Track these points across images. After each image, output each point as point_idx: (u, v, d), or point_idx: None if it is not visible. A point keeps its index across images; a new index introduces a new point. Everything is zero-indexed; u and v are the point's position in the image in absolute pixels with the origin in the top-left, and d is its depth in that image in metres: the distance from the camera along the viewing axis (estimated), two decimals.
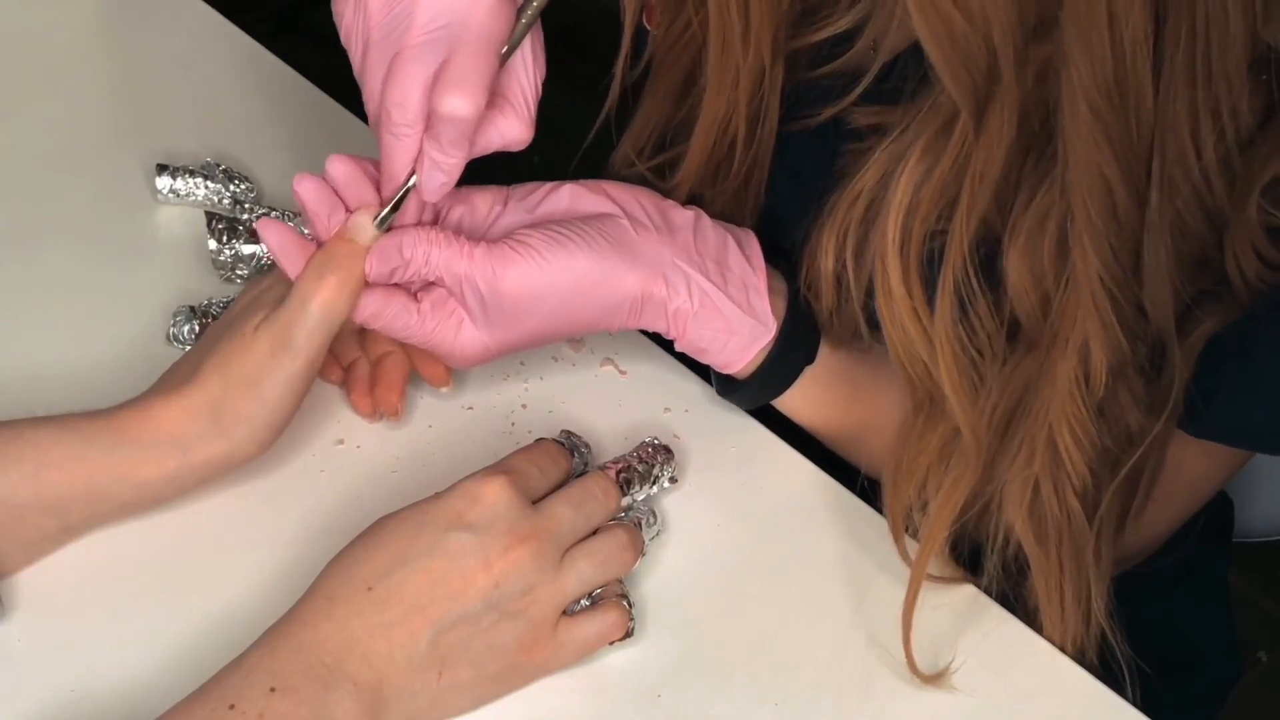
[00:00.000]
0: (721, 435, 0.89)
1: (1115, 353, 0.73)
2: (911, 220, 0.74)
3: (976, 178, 0.72)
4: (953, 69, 0.69)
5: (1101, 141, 0.67)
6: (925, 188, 0.74)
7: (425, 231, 0.78)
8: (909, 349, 0.77)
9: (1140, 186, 0.69)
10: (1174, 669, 1.02)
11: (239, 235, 0.92)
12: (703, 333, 0.82)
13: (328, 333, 0.78)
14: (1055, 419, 0.75)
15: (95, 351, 0.89)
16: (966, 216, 0.73)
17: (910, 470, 0.81)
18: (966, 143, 0.71)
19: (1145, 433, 0.77)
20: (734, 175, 0.89)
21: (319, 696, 0.71)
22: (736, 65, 0.84)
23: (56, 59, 1.07)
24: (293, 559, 0.80)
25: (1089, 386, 0.74)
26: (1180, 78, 0.66)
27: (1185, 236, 0.71)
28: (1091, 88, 0.65)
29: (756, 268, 0.84)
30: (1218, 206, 0.71)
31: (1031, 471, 0.77)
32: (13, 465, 0.76)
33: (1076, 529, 0.79)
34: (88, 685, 0.75)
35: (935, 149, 0.73)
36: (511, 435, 0.88)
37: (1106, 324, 0.72)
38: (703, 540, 0.84)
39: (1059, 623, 0.81)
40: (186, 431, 0.77)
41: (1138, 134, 0.67)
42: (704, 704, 0.78)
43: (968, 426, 0.77)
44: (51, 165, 1.00)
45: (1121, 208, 0.69)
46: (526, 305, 0.79)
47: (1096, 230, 0.69)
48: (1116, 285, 0.71)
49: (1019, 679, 0.80)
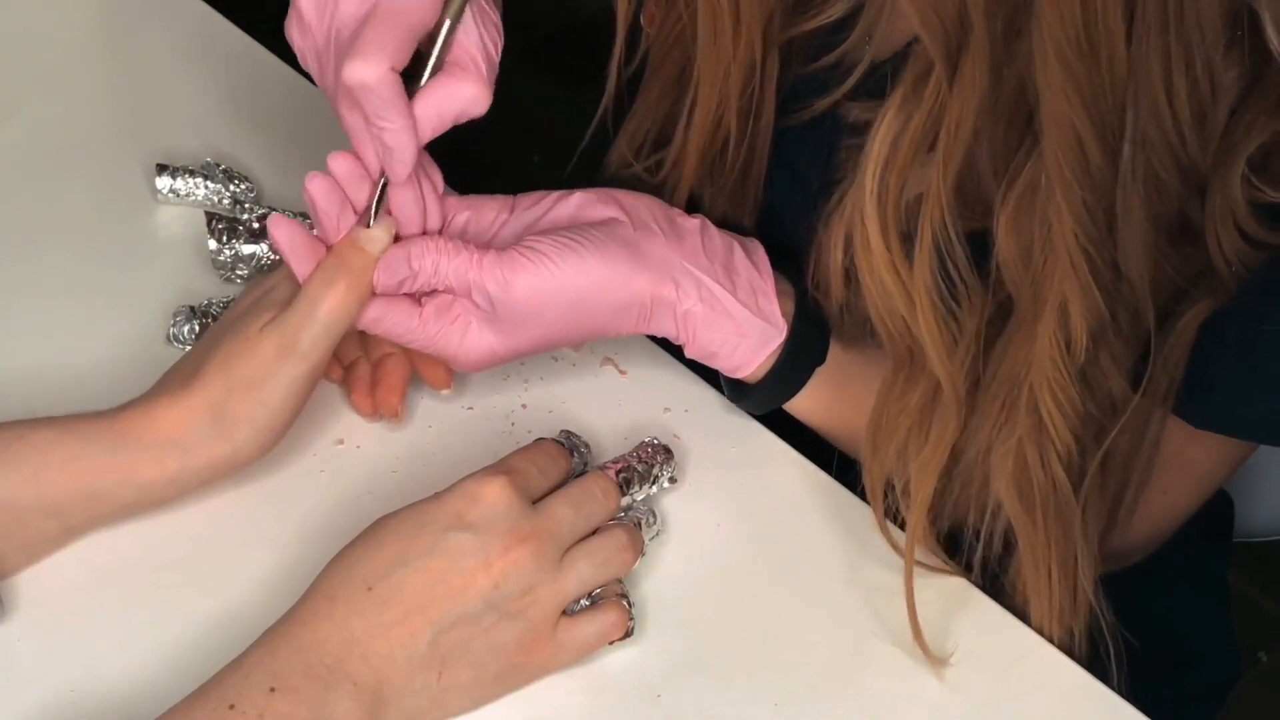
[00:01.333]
0: (721, 435, 0.89)
1: (1094, 315, 0.72)
2: (889, 173, 0.74)
3: (952, 129, 0.71)
4: (924, 16, 0.69)
5: (1072, 94, 0.66)
6: (902, 140, 0.73)
7: (433, 241, 0.78)
8: (888, 304, 0.77)
9: (1113, 141, 0.68)
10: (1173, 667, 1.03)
11: (239, 235, 0.92)
12: (713, 336, 0.82)
13: (334, 338, 0.78)
14: (1037, 383, 0.75)
15: (95, 351, 0.89)
16: (944, 168, 0.72)
17: (890, 431, 0.81)
18: (941, 93, 0.71)
19: (1128, 401, 0.77)
20: (731, 170, 0.89)
21: (319, 697, 0.71)
22: (728, 58, 0.84)
23: (57, 59, 1.07)
24: (293, 559, 0.80)
25: (1070, 351, 0.73)
26: (1153, 27, 0.65)
27: (1160, 193, 0.71)
28: (1061, 38, 0.65)
29: (763, 272, 0.84)
30: (1193, 163, 0.71)
31: (1015, 438, 0.77)
32: (13, 467, 0.76)
33: (1062, 498, 0.78)
34: (88, 685, 0.75)
35: (911, 101, 0.73)
36: (511, 435, 0.88)
37: (1084, 285, 0.71)
38: (703, 540, 0.84)
39: (1045, 595, 0.81)
40: (188, 433, 0.77)
41: (1110, 86, 0.67)
42: (704, 704, 0.78)
43: (946, 378, 0.77)
44: (51, 165, 1.00)
45: (1094, 163, 0.68)
46: (537, 311, 0.78)
47: (1069, 186, 0.69)
48: (1092, 244, 0.70)
49: (1016, 676, 0.80)
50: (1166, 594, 1.02)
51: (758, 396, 0.86)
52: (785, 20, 0.84)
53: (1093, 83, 0.66)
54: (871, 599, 0.82)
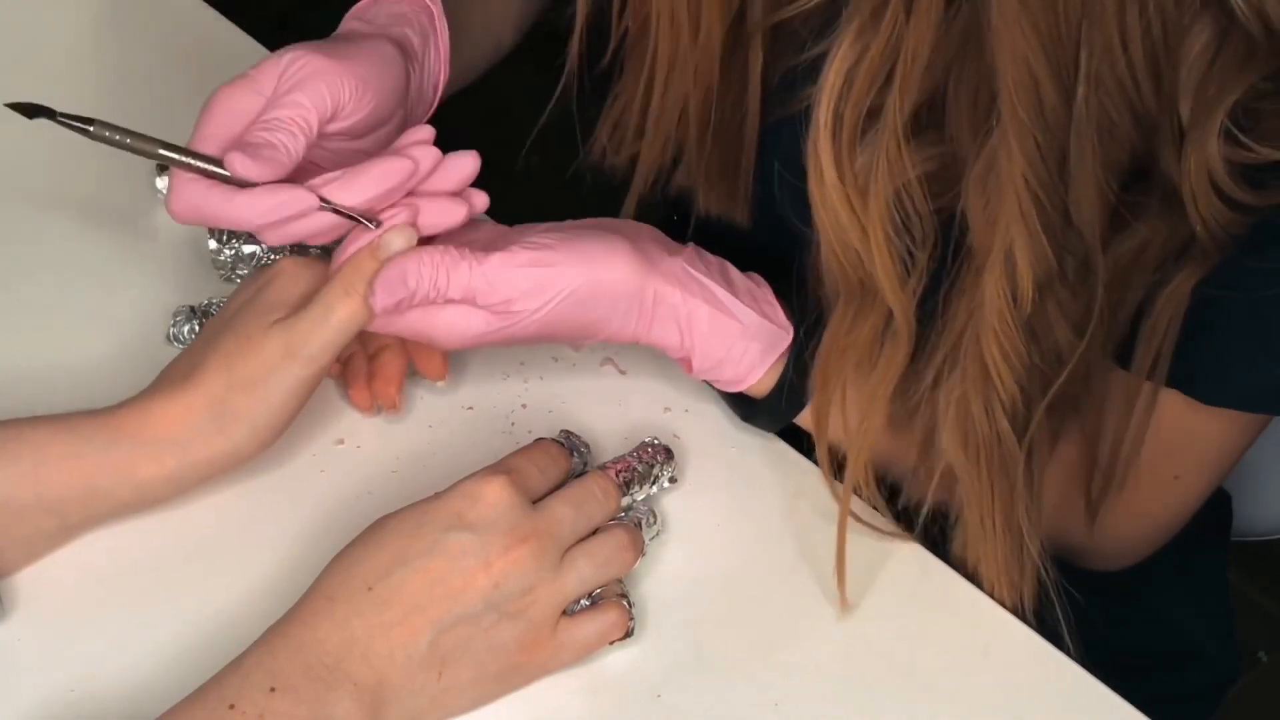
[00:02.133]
0: (721, 435, 0.89)
1: (1041, 263, 0.72)
2: (844, 104, 0.74)
3: (908, 59, 0.72)
4: None
5: (1029, 31, 0.66)
6: (857, 70, 0.73)
7: (430, 254, 0.78)
8: (840, 236, 0.77)
9: (1068, 83, 0.68)
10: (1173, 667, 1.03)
11: (239, 235, 0.92)
12: (720, 340, 0.82)
13: (343, 344, 0.78)
14: (983, 333, 0.75)
15: (95, 351, 0.89)
16: (900, 96, 0.72)
17: (839, 365, 0.81)
18: (898, 23, 0.71)
19: (1074, 351, 0.77)
20: (720, 165, 0.89)
21: (319, 696, 0.71)
22: (686, 50, 0.83)
23: (56, 59, 1.07)
24: (293, 559, 0.80)
25: (1016, 302, 0.73)
26: None
27: (1114, 139, 0.71)
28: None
29: (760, 284, 0.84)
30: (1146, 110, 0.71)
31: (962, 389, 0.77)
32: (11, 464, 0.76)
33: (1006, 450, 0.78)
34: (88, 685, 0.75)
35: (868, 32, 0.73)
36: (511, 435, 0.88)
37: (1032, 231, 0.71)
38: (703, 540, 0.84)
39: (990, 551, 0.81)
40: (186, 430, 0.77)
41: (1065, 25, 0.67)
42: (704, 704, 0.78)
43: (899, 308, 0.77)
44: (52, 165, 1.00)
45: (1048, 104, 0.68)
46: (536, 295, 0.78)
47: (1022, 127, 0.69)
48: (1042, 188, 0.70)
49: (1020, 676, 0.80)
50: (1166, 593, 1.02)
51: (769, 409, 0.86)
52: (766, 9, 0.84)
53: (1048, 19, 0.66)
54: (872, 599, 0.82)
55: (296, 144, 0.78)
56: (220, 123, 0.79)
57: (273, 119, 0.78)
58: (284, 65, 0.80)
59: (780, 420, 0.87)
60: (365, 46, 0.82)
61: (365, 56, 0.82)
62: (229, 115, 0.79)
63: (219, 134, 0.78)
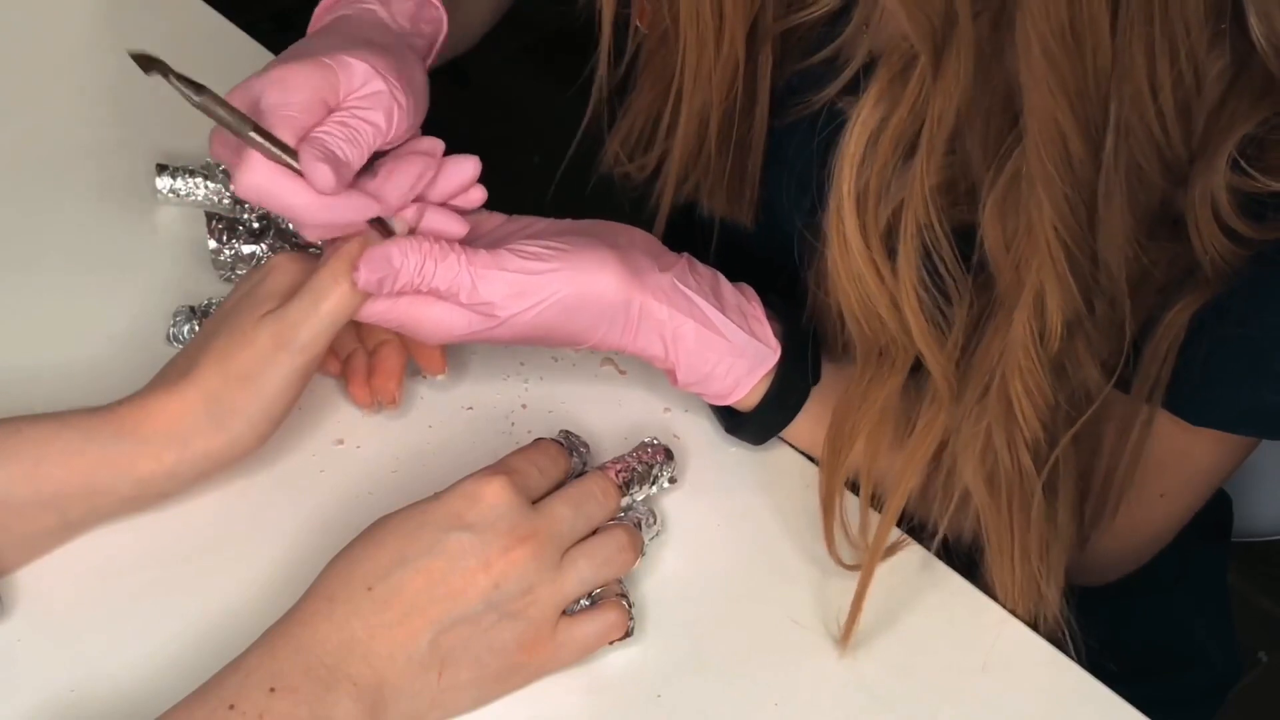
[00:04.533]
0: (721, 435, 0.89)
1: (1070, 306, 0.72)
2: (868, 170, 0.74)
3: (935, 123, 0.71)
4: (910, 10, 0.69)
5: (1055, 88, 0.66)
6: (881, 137, 0.73)
7: (418, 242, 0.78)
8: (864, 302, 0.77)
9: (1096, 135, 0.68)
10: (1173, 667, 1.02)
11: (239, 235, 0.92)
12: (707, 357, 0.82)
13: (334, 333, 0.78)
14: (1009, 370, 0.75)
15: (95, 351, 0.89)
16: (927, 161, 0.72)
17: (853, 432, 0.81)
18: (925, 88, 0.71)
19: (1100, 391, 0.77)
20: (723, 169, 0.89)
21: (319, 697, 0.71)
22: (710, 59, 0.83)
23: (56, 59, 1.07)
24: (292, 559, 0.80)
25: (1043, 341, 0.73)
26: (1137, 18, 0.65)
27: (1143, 186, 0.71)
28: (1045, 31, 0.65)
29: (751, 299, 0.84)
30: (1175, 156, 0.71)
31: (984, 424, 0.77)
32: (11, 461, 0.76)
33: (1029, 487, 0.78)
34: (88, 685, 0.75)
35: (890, 96, 0.73)
36: (511, 435, 0.88)
37: (1061, 276, 0.71)
38: (703, 540, 0.84)
39: (1009, 586, 0.81)
40: (184, 425, 0.77)
41: (1094, 79, 0.67)
42: (704, 704, 0.78)
43: (939, 371, 0.77)
44: (51, 165, 1.00)
45: (1076, 157, 0.68)
46: (523, 307, 0.78)
47: (1051, 179, 0.69)
48: (1071, 236, 0.70)
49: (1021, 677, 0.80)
50: (1166, 594, 1.02)
51: (754, 424, 0.86)
52: (777, 13, 0.84)
53: (1076, 75, 0.66)
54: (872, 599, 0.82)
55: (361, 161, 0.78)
56: (300, 106, 0.77)
57: (351, 131, 0.77)
58: (361, 72, 0.78)
59: (764, 436, 0.87)
60: (410, 64, 0.81)
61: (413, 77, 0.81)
62: (309, 103, 0.77)
63: (297, 120, 0.76)
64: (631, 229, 0.84)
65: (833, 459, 0.82)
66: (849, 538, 0.82)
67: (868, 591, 0.79)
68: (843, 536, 0.82)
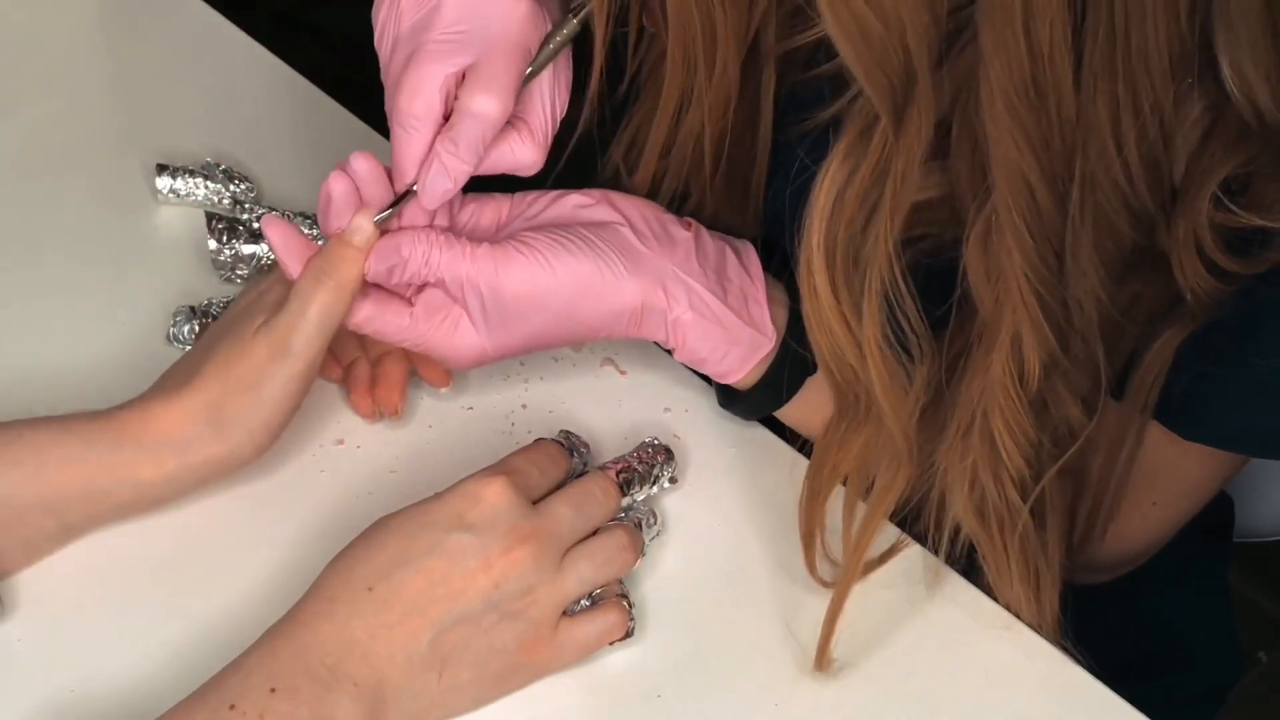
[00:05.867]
0: (721, 435, 0.89)
1: (1045, 349, 0.73)
2: (836, 225, 0.74)
3: (898, 179, 0.71)
4: (869, 71, 0.68)
5: (1021, 141, 0.66)
6: (848, 191, 0.73)
7: (425, 232, 0.78)
8: (835, 353, 0.77)
9: (1062, 185, 0.68)
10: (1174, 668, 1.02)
11: (239, 235, 0.92)
12: (703, 342, 0.82)
13: (326, 336, 0.78)
14: (990, 409, 0.75)
15: (95, 351, 0.89)
16: (890, 219, 0.72)
17: (831, 477, 0.81)
18: (887, 146, 0.71)
19: (1084, 426, 0.77)
20: (730, 183, 0.89)
21: (319, 697, 0.71)
22: (703, 82, 0.83)
23: (56, 59, 1.07)
24: (293, 559, 0.80)
25: (1023, 382, 0.74)
26: (1100, 74, 0.66)
27: (1110, 235, 0.71)
28: (1009, 88, 0.65)
29: (755, 278, 0.84)
30: (1142, 207, 0.71)
31: (969, 461, 0.77)
32: (12, 466, 0.76)
33: (1019, 519, 0.79)
34: (88, 685, 0.75)
35: (856, 152, 0.72)
36: (511, 435, 0.88)
37: (1034, 320, 0.71)
38: (703, 540, 0.84)
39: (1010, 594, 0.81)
40: (185, 433, 0.77)
41: (1059, 132, 0.67)
42: (704, 704, 0.78)
43: (898, 428, 0.77)
44: (51, 165, 1.00)
45: (1043, 207, 0.69)
46: (527, 307, 0.78)
47: (1019, 229, 0.69)
48: (1042, 283, 0.71)
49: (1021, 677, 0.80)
50: (1167, 595, 1.02)
51: (747, 403, 0.86)
52: (780, 33, 0.84)
53: (1041, 129, 0.66)
54: (871, 599, 0.82)
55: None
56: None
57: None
58: None
59: (755, 414, 0.87)
60: None
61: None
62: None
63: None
64: (638, 200, 0.84)
65: (811, 499, 0.82)
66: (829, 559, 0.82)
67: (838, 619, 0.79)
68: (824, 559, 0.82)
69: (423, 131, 0.76)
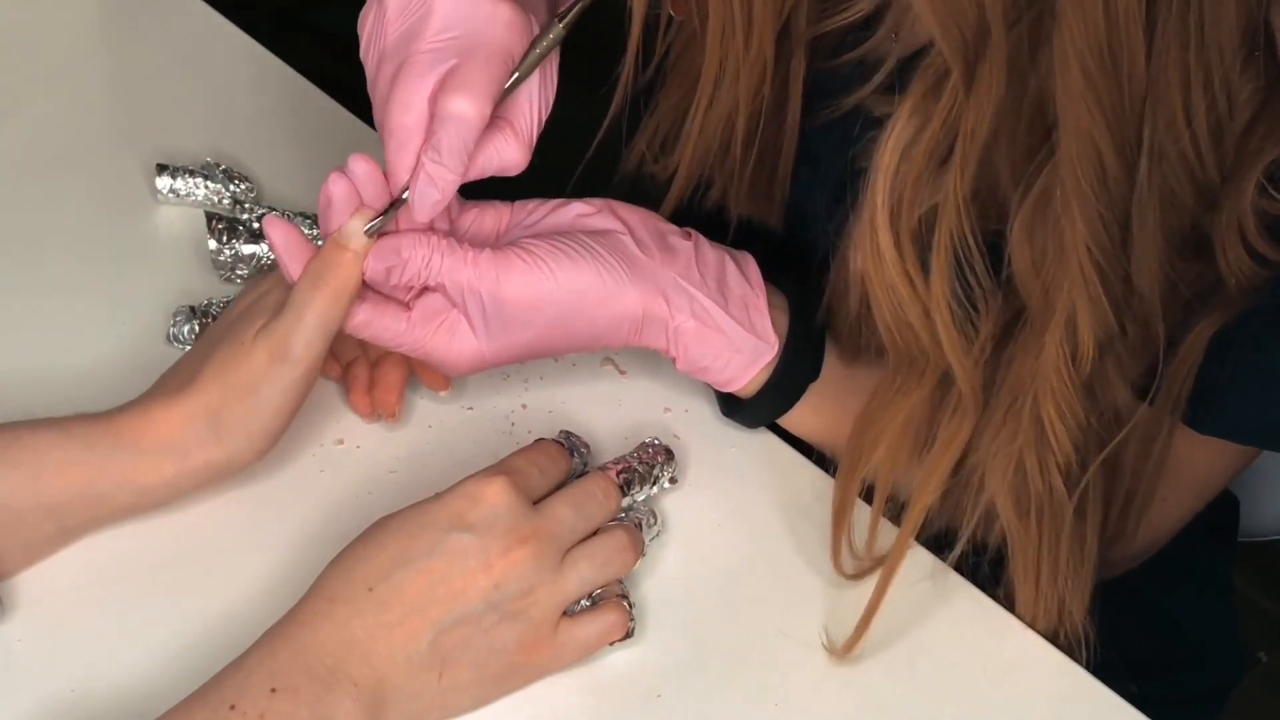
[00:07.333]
0: (721, 435, 0.89)
1: (1102, 327, 0.72)
2: (901, 183, 0.74)
3: (968, 136, 0.71)
4: (943, 23, 0.69)
5: (1093, 106, 0.66)
6: (914, 150, 0.73)
7: (426, 236, 0.78)
8: (897, 312, 0.77)
9: (1130, 155, 0.68)
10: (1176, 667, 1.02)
11: (239, 235, 0.92)
12: (705, 351, 0.82)
13: (325, 340, 0.77)
14: (1041, 392, 0.75)
15: (95, 351, 0.89)
16: (960, 174, 0.72)
17: (875, 439, 0.81)
18: (958, 101, 0.71)
19: (1132, 412, 0.77)
20: (755, 169, 0.89)
21: (320, 697, 0.71)
22: (738, 62, 0.83)
23: (56, 59, 1.07)
24: (293, 559, 0.80)
25: (1075, 363, 0.73)
26: (1173, 43, 0.65)
27: (1175, 209, 0.71)
28: (1084, 50, 0.65)
29: (755, 287, 0.84)
30: (1208, 180, 0.70)
31: (1016, 446, 0.76)
32: (12, 469, 0.76)
33: (1058, 508, 0.78)
34: (88, 685, 0.75)
35: (923, 109, 0.72)
36: (511, 435, 0.88)
37: (1094, 297, 0.71)
38: (703, 540, 0.84)
39: (1032, 604, 0.81)
40: (184, 437, 0.77)
41: (1129, 100, 0.67)
42: (704, 704, 0.78)
43: (965, 381, 0.77)
44: (51, 165, 1.00)
45: (1111, 176, 0.68)
46: (527, 314, 0.78)
47: (1085, 198, 0.69)
48: (1104, 256, 0.70)
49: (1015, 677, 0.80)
50: (1170, 594, 1.02)
51: (750, 411, 0.86)
52: (811, 17, 0.84)
53: (1112, 95, 0.66)
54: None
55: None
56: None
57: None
58: None
59: (759, 422, 0.87)
60: None
61: None
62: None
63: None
64: (637, 209, 0.84)
65: (851, 467, 0.82)
66: (852, 550, 0.82)
67: (880, 607, 0.79)
68: (846, 547, 0.82)
69: (414, 141, 0.76)
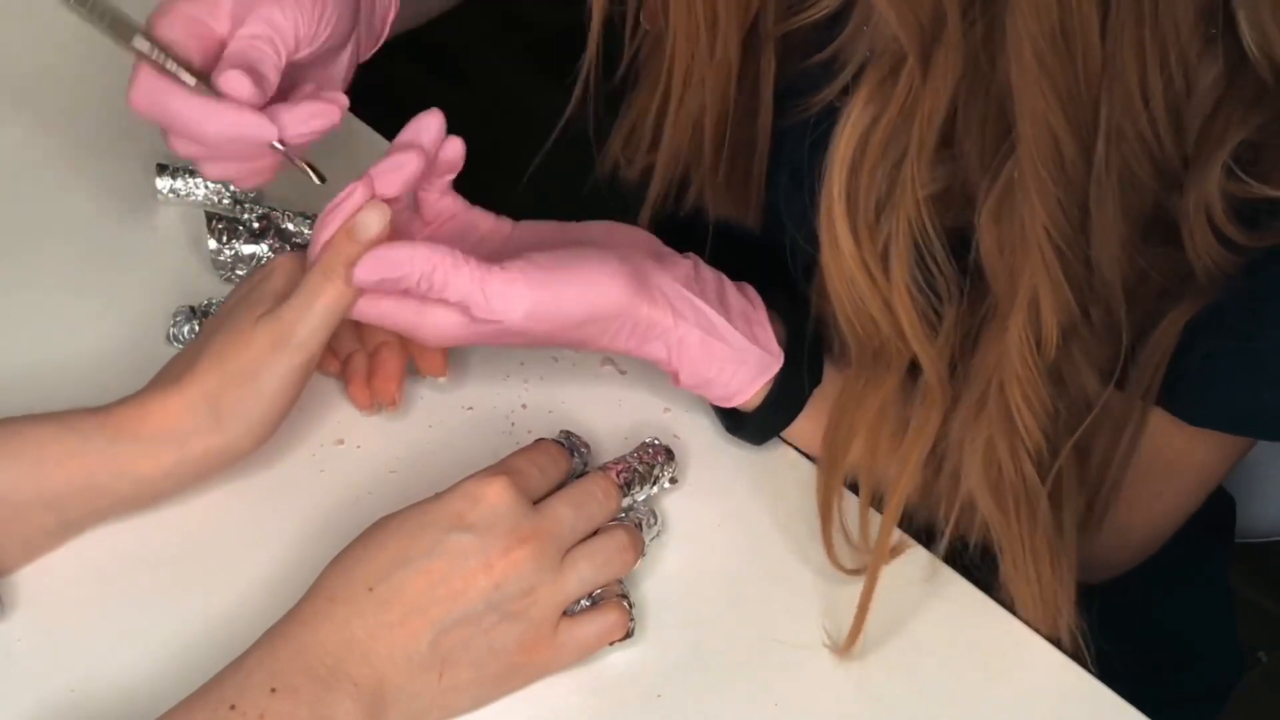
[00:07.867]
0: (722, 435, 0.89)
1: (1064, 311, 0.72)
2: (858, 172, 0.74)
3: (924, 122, 0.71)
4: (899, 11, 0.69)
5: (1047, 90, 0.66)
6: (870, 138, 0.73)
7: (425, 249, 0.76)
8: (857, 304, 0.77)
9: (1087, 138, 0.68)
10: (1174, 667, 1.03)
11: (239, 235, 0.92)
12: (710, 363, 0.82)
13: (328, 330, 0.78)
14: (1007, 379, 0.75)
15: (95, 351, 0.89)
16: (918, 161, 0.72)
17: (848, 436, 0.81)
18: (914, 88, 0.71)
19: (1098, 398, 0.77)
20: (730, 171, 0.89)
21: (320, 697, 0.71)
22: (704, 62, 0.83)
23: (57, 59, 1.07)
24: (293, 559, 0.80)
25: (1040, 349, 0.73)
26: (1127, 22, 0.65)
27: (1135, 190, 0.71)
28: (1036, 32, 0.65)
29: (755, 304, 0.84)
30: (1168, 161, 0.70)
31: (986, 434, 0.76)
32: (11, 462, 0.76)
33: (1034, 495, 0.79)
34: (88, 685, 0.75)
35: (879, 97, 0.73)
36: (511, 435, 0.88)
37: (1055, 281, 0.71)
38: (703, 540, 0.84)
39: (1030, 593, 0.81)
40: (183, 426, 0.77)
41: (1085, 82, 0.67)
42: (704, 704, 0.78)
43: (931, 367, 0.77)
44: (51, 165, 1.00)
45: (1068, 159, 0.68)
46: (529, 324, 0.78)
47: (1043, 182, 0.69)
48: (1064, 240, 0.70)
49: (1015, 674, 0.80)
50: (1168, 594, 1.02)
51: (755, 425, 0.86)
52: (777, 16, 0.84)
53: (1067, 77, 0.66)
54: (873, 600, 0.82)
55: (276, 74, 0.78)
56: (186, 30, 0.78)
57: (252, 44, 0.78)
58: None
59: (764, 437, 0.87)
60: None
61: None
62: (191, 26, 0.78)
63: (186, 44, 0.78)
64: (635, 230, 0.84)
65: (830, 462, 0.82)
66: (849, 541, 0.82)
67: (873, 597, 0.79)
68: (842, 540, 0.82)
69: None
